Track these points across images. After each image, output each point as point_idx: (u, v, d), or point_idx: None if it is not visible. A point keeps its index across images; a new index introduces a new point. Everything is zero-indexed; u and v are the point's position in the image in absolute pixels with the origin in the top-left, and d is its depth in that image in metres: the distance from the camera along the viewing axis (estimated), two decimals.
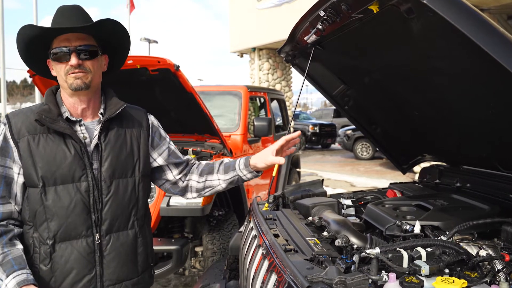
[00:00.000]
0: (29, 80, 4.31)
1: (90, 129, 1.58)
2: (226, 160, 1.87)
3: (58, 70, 1.51)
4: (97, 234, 1.54)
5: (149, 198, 1.75)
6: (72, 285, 1.52)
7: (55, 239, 1.50)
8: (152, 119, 1.77)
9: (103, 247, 1.56)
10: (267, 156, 1.73)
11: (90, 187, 1.52)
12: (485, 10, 9.14)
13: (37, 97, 20.72)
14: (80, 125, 1.57)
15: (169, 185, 1.83)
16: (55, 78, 1.58)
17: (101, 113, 1.61)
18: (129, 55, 1.72)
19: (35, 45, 1.51)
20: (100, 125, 1.57)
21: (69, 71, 1.48)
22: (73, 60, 1.47)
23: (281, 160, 1.70)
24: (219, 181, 1.82)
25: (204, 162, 1.87)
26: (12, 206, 1.51)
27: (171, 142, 1.82)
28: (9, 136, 1.49)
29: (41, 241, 1.50)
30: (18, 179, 1.51)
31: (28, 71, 4.06)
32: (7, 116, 1.53)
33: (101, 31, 1.53)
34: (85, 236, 1.52)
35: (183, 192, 1.85)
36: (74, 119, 1.56)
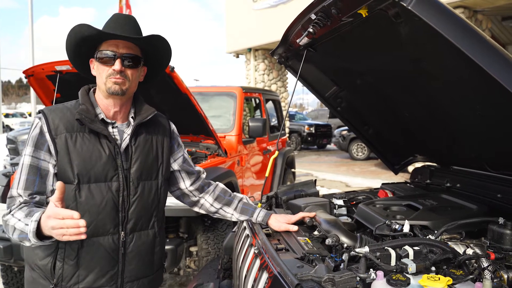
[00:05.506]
0: (25, 80, 4.31)
1: (120, 131, 1.65)
2: (246, 200, 2.00)
3: (100, 71, 1.58)
4: (122, 232, 1.61)
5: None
6: (95, 280, 1.58)
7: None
8: (173, 126, 1.86)
9: (127, 245, 1.63)
10: (283, 224, 1.86)
11: (120, 187, 1.60)
12: (479, 11, 9.18)
13: (32, 98, 20.65)
14: (113, 127, 1.64)
15: (180, 193, 1.93)
16: (93, 78, 1.64)
17: (132, 117, 1.68)
18: None
19: (84, 43, 1.57)
20: (130, 129, 1.65)
21: (111, 75, 1.55)
22: (117, 66, 1.54)
23: (295, 227, 1.84)
24: (232, 216, 1.97)
25: (220, 186, 1.99)
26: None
27: (185, 151, 1.92)
28: (45, 130, 1.53)
29: None
30: (53, 171, 1.54)
31: (23, 72, 4.07)
32: (42, 111, 1.58)
33: (149, 44, 1.60)
34: (112, 233, 1.59)
35: (192, 205, 1.97)
36: (108, 121, 1.63)
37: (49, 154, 1.53)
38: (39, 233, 1.36)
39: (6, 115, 33.30)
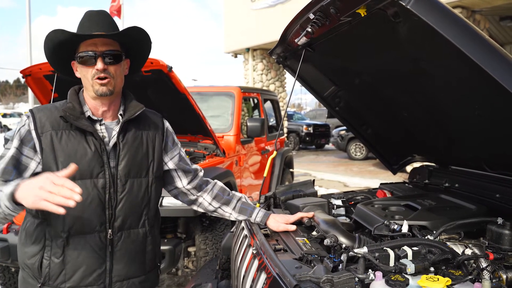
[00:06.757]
0: (22, 80, 4.29)
1: (109, 129, 1.64)
2: (244, 199, 1.99)
3: (84, 73, 1.57)
4: (109, 230, 1.59)
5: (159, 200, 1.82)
6: (82, 278, 1.56)
7: (70, 232, 1.54)
8: (167, 124, 1.84)
9: (115, 243, 1.61)
10: (281, 224, 1.87)
11: (106, 184, 1.58)
12: (477, 11, 9.19)
13: (30, 97, 20.61)
14: (100, 124, 1.63)
15: (177, 192, 1.91)
16: (78, 79, 1.64)
17: (120, 114, 1.67)
18: None
19: (62, 47, 1.56)
20: (119, 126, 1.63)
21: (96, 75, 1.54)
22: (99, 65, 1.53)
23: (293, 227, 1.86)
24: (230, 215, 1.97)
25: (219, 185, 1.98)
26: None
27: (182, 149, 1.89)
28: (32, 128, 1.54)
29: (55, 234, 1.54)
30: (36, 169, 1.54)
31: (21, 72, 4.06)
32: (31, 111, 1.59)
33: (126, 37, 1.59)
34: (98, 231, 1.58)
35: (190, 203, 1.95)
36: (95, 118, 1.62)
37: (34, 151, 1.53)
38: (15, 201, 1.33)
39: (4, 115, 33.25)
